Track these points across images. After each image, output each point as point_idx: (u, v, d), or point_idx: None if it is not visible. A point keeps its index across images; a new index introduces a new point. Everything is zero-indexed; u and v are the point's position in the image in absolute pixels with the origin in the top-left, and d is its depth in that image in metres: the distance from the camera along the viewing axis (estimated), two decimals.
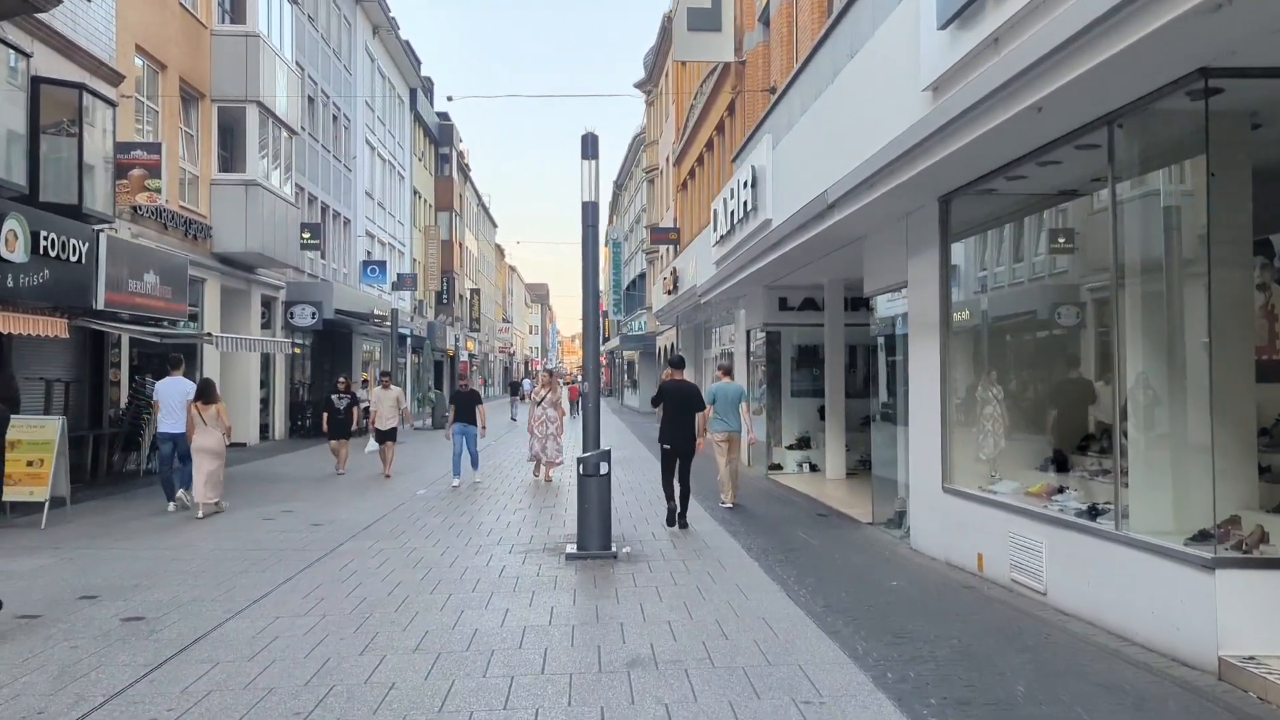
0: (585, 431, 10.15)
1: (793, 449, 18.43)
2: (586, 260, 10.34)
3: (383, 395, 17.79)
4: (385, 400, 17.68)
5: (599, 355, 10.48)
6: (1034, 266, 9.51)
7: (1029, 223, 9.34)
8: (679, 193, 31.68)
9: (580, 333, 65.86)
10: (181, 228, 19.79)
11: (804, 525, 11.54)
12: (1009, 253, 9.70)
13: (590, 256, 10.33)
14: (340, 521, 11.92)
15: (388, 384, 18.13)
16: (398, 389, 18.18)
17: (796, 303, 18.03)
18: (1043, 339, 9.44)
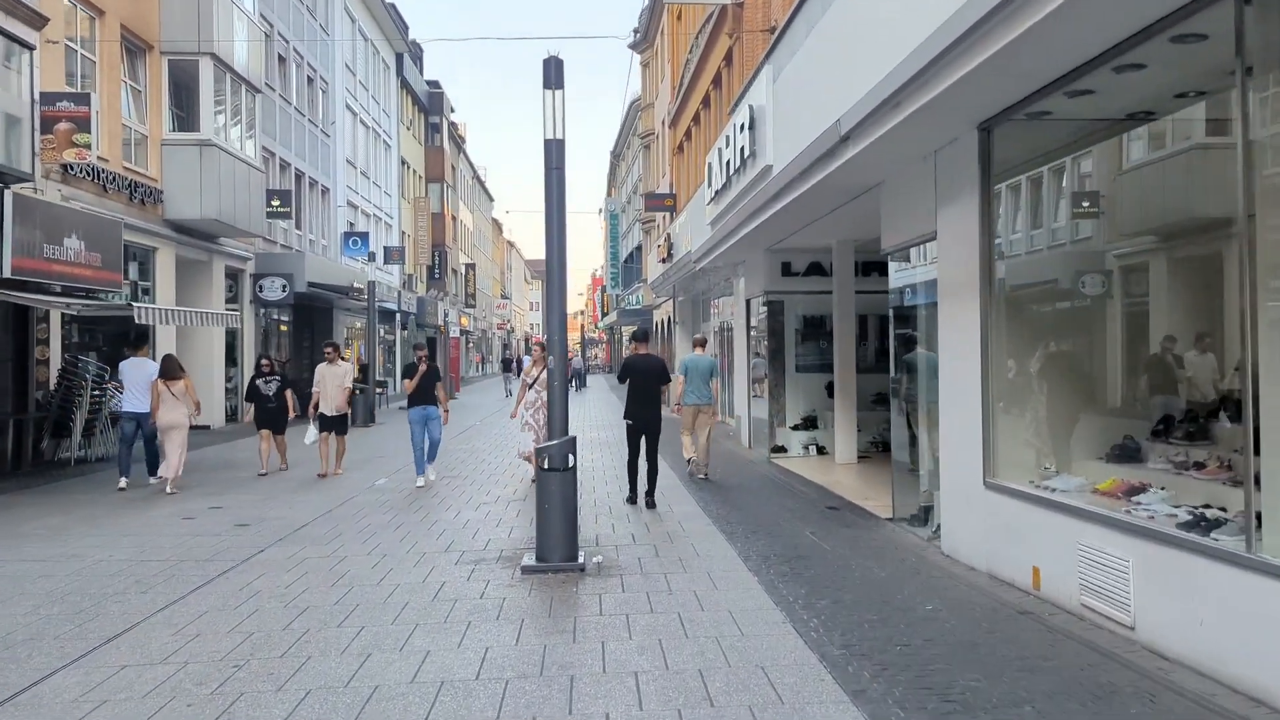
0: (550, 416, 8.43)
1: (798, 429, 16.71)
2: (551, 208, 8.58)
3: (327, 373, 14.15)
4: (330, 379, 14.12)
5: (565, 321, 8.74)
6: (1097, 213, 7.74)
7: (1095, 155, 7.56)
8: (675, 156, 29.83)
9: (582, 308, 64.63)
10: (125, 191, 18.00)
11: (812, 522, 9.83)
12: (1065, 197, 7.93)
13: (555, 203, 8.57)
14: (270, 521, 10.22)
15: (334, 358, 14.32)
16: (347, 365, 14.64)
17: (801, 267, 16.27)
18: (1106, 301, 7.68)
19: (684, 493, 11.89)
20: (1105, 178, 7.72)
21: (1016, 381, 7.64)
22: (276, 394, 14.51)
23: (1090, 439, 7.34)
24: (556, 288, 8.71)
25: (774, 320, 16.74)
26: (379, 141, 41.55)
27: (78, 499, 11.84)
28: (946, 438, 8.34)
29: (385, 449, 17.75)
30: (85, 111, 15.18)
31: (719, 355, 25.25)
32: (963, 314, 7.89)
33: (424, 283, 50.60)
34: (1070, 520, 6.28)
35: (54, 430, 15.03)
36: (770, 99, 11.34)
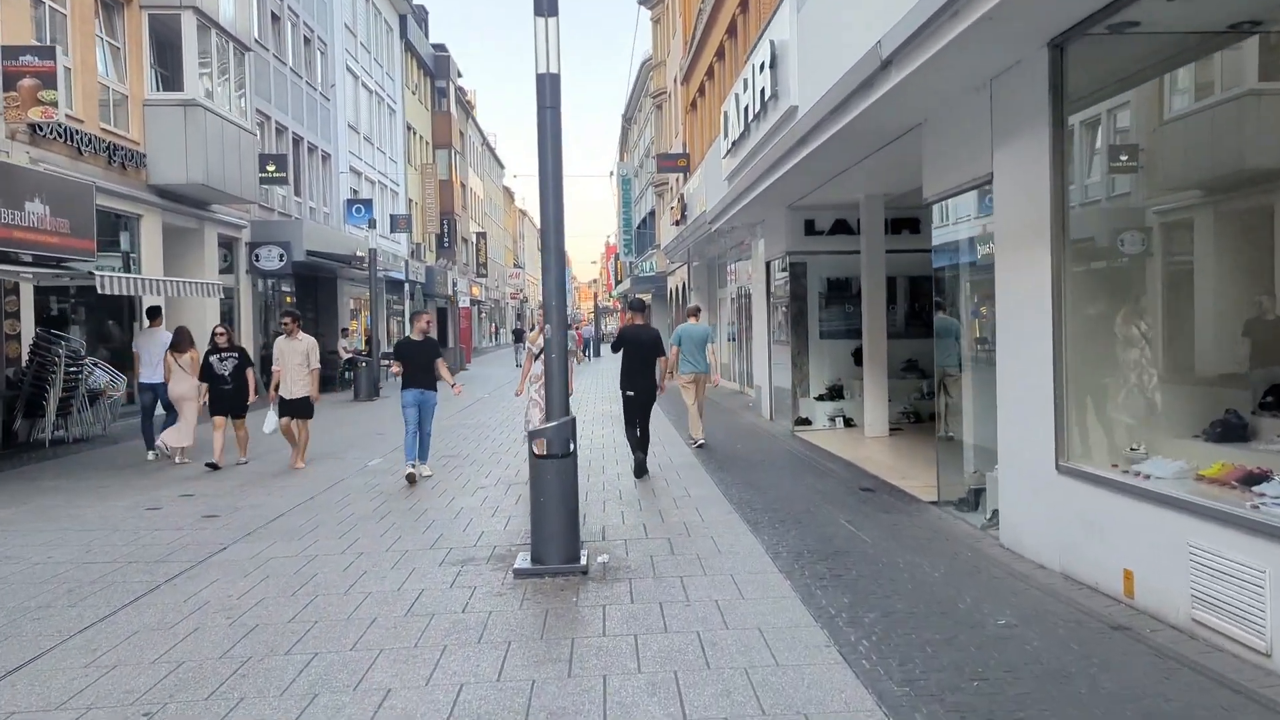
0: (548, 393, 7.33)
1: (823, 400, 15.59)
2: (545, 153, 7.43)
3: (286, 349, 11.92)
4: (291, 355, 11.89)
5: (563, 283, 7.61)
6: (1192, 146, 6.54)
7: (1187, 77, 6.35)
8: (688, 114, 28.51)
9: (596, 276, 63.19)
10: (104, 154, 16.90)
11: (846, 506, 8.73)
12: (1154, 127, 6.72)
13: (550, 147, 7.41)
14: (243, 511, 9.18)
15: (294, 330, 12.06)
16: (309, 339, 12.10)
17: (826, 225, 15.07)
18: (1206, 250, 6.50)
19: (701, 474, 10.80)
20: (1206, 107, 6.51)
21: (1098, 347, 6.48)
22: (234, 373, 12.34)
23: (1181, 414, 6.20)
24: (553, 245, 7.57)
25: (796, 283, 15.58)
26: (383, 106, 40.30)
27: (41, 486, 10.84)
28: (1006, 412, 7.20)
29: (385, 425, 16.69)
30: (50, 66, 14.05)
31: (736, 323, 24.13)
32: (1028, 269, 6.72)
33: (433, 251, 49.51)
34: (1174, 515, 5.15)
35: (27, 410, 14.03)
36: (794, 31, 10.12)
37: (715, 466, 11.30)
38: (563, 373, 7.43)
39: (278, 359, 12.06)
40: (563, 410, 7.20)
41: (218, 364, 12.29)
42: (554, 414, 7.26)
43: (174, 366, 12.60)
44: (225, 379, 12.25)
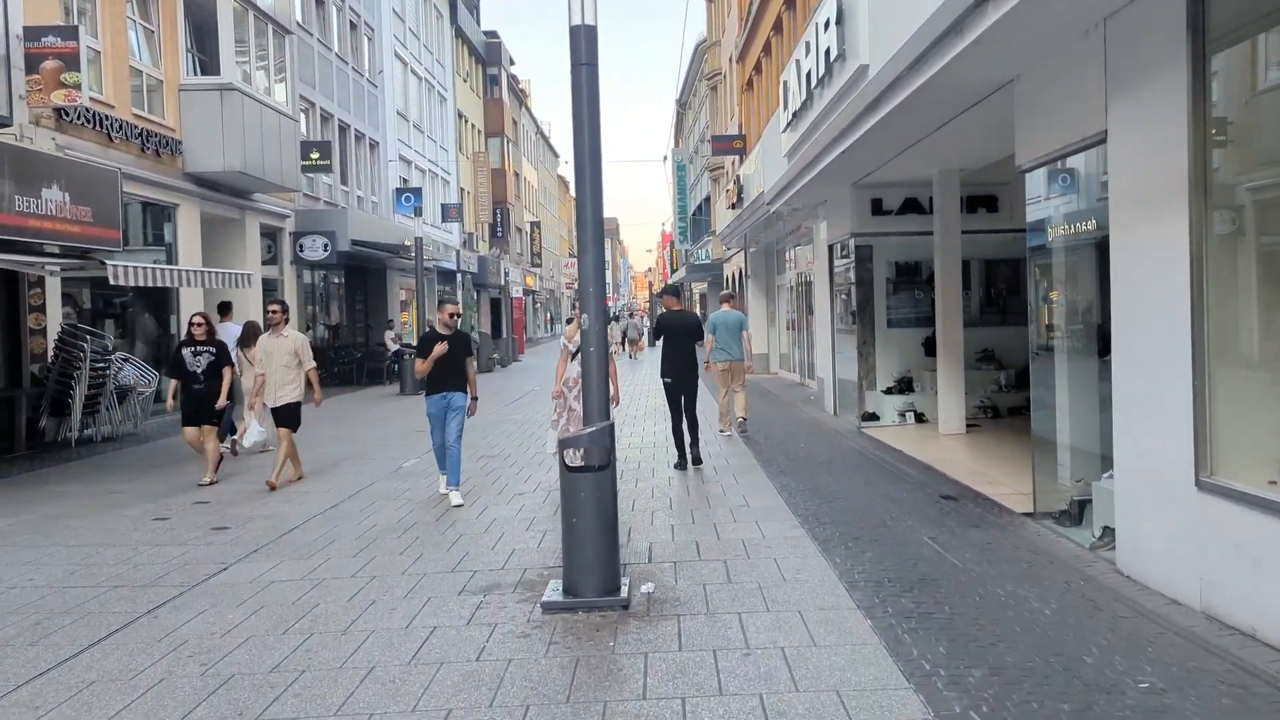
0: (586, 394, 6.38)
1: (891, 393, 14.45)
2: (579, 114, 6.46)
3: (272, 347, 10.20)
4: (277, 355, 10.18)
5: (603, 264, 6.63)
6: None
7: None
8: (743, 93, 27.34)
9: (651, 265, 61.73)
10: (137, 140, 16.28)
11: (928, 519, 7.65)
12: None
13: (585, 108, 6.44)
14: (256, 522, 8.36)
15: (280, 326, 10.28)
16: (299, 336, 10.44)
17: (895, 204, 13.91)
18: None
19: (761, 478, 9.77)
20: None
21: (1254, 337, 5.34)
22: (209, 371, 10.42)
23: None
24: (590, 220, 6.59)
25: (861, 268, 14.44)
26: (433, 93, 39.65)
27: (51, 492, 10.14)
28: (1125, 413, 6.07)
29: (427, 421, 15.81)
30: (73, 47, 13.39)
31: (795, 311, 23.00)
32: (1157, 243, 5.58)
33: (485, 241, 48.90)
34: None
35: (53, 408, 13.43)
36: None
37: (777, 469, 10.25)
38: (602, 369, 6.47)
39: (261, 359, 10.33)
40: (602, 413, 6.24)
41: (190, 359, 10.41)
42: (592, 416, 6.31)
43: (245, 361, 12.42)
44: (198, 377, 10.40)
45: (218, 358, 10.52)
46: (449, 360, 9.01)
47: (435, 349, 8.89)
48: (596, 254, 6.64)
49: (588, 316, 6.52)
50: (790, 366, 23.80)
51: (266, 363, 10.21)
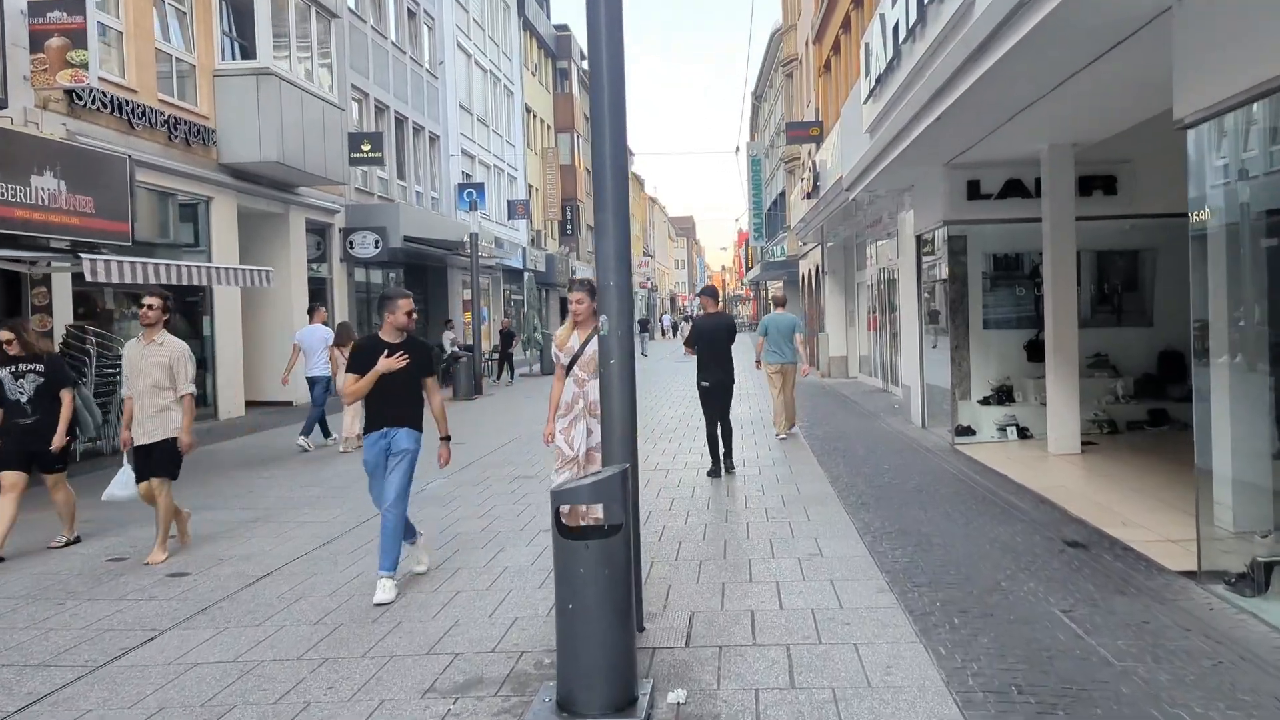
0: (606, 420, 4.84)
1: (988, 404, 12.58)
2: (595, 28, 4.94)
3: (139, 359, 7.30)
4: (145, 371, 7.25)
5: (628, 243, 5.04)
6: None
7: None
8: (820, 77, 25.49)
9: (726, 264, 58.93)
10: (163, 128, 15.17)
11: (1054, 578, 5.89)
12: None
13: (605, 23, 4.91)
14: (223, 566, 6.95)
15: (155, 327, 7.31)
16: (178, 345, 7.37)
17: (994, 187, 12.04)
18: None
19: (838, 513, 8.06)
20: None
21: None
22: (38, 397, 7.59)
23: None
24: (610, 192, 5.04)
25: (954, 261, 12.61)
26: (499, 87, 38.47)
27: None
28: None
29: (471, 431, 14.44)
30: (80, 23, 12.23)
31: (875, 310, 21.14)
32: None
33: (555, 239, 47.68)
34: None
35: None
36: None
37: (856, 500, 8.53)
38: (626, 389, 4.92)
39: (126, 377, 7.46)
40: (622, 450, 4.68)
41: (10, 383, 7.56)
42: (611, 454, 4.74)
43: (340, 361, 12.52)
44: (22, 407, 7.53)
45: (48, 379, 7.65)
46: (397, 383, 6.12)
47: (380, 364, 6.08)
48: (619, 235, 5.08)
49: (607, 319, 4.95)
50: (871, 370, 21.92)
51: (131, 381, 7.33)
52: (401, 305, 6.27)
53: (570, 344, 6.25)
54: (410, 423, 6.26)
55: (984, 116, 8.98)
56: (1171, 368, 12.83)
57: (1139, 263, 13.11)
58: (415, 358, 6.22)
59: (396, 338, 6.28)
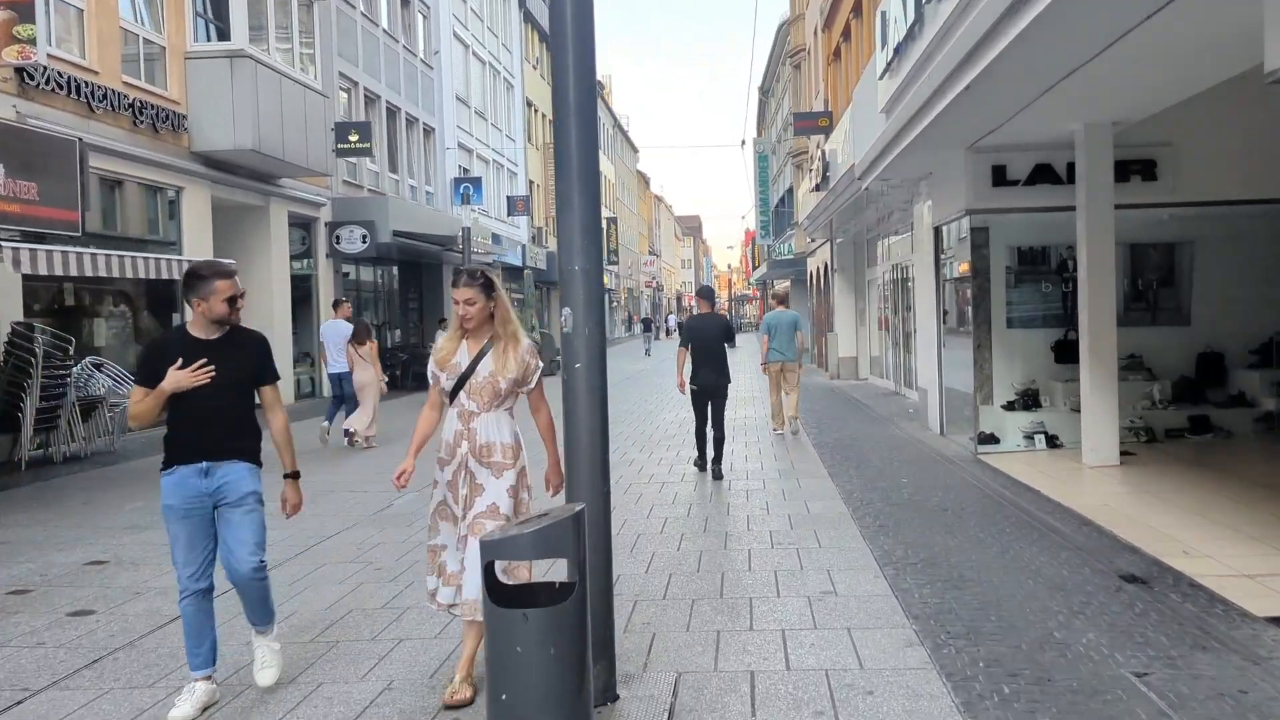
0: (570, 436, 3.87)
1: (1013, 409, 11.55)
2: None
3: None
4: None
5: (598, 224, 4.04)
6: None
7: None
8: (829, 65, 24.45)
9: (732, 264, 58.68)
10: (128, 113, 14.21)
11: (1118, 626, 4.87)
12: None
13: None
14: (143, 600, 5.95)
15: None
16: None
17: (1022, 172, 11.00)
18: None
19: (854, 538, 7.04)
20: None
21: None
22: None
23: None
24: (575, 155, 4.03)
25: (977, 254, 11.58)
26: (498, 79, 37.50)
27: None
28: None
29: None
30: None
31: (886, 308, 20.13)
32: None
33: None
34: None
35: (1, 423, 11.32)
36: None
37: (874, 522, 7.51)
38: (596, 404, 3.94)
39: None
40: (592, 481, 3.70)
41: None
42: (575, 488, 3.76)
43: (356, 358, 12.72)
44: None
45: None
46: (218, 396, 4.20)
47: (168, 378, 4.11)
48: (587, 207, 4.07)
49: (570, 313, 3.95)
50: (882, 372, 20.88)
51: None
52: (219, 288, 4.20)
53: (456, 361, 4.38)
54: (244, 453, 4.31)
55: (1016, 88, 7.96)
56: (1211, 370, 11.82)
57: (1175, 256, 12.08)
58: (238, 362, 4.26)
59: (211, 333, 4.26)
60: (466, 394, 4.32)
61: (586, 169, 4.00)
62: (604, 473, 3.93)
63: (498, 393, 4.30)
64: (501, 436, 4.29)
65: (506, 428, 4.33)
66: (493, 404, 4.30)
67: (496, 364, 4.30)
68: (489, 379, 4.29)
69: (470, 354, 4.36)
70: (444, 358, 4.43)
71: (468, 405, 4.32)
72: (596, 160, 4.03)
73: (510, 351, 4.33)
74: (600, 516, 3.87)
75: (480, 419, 4.29)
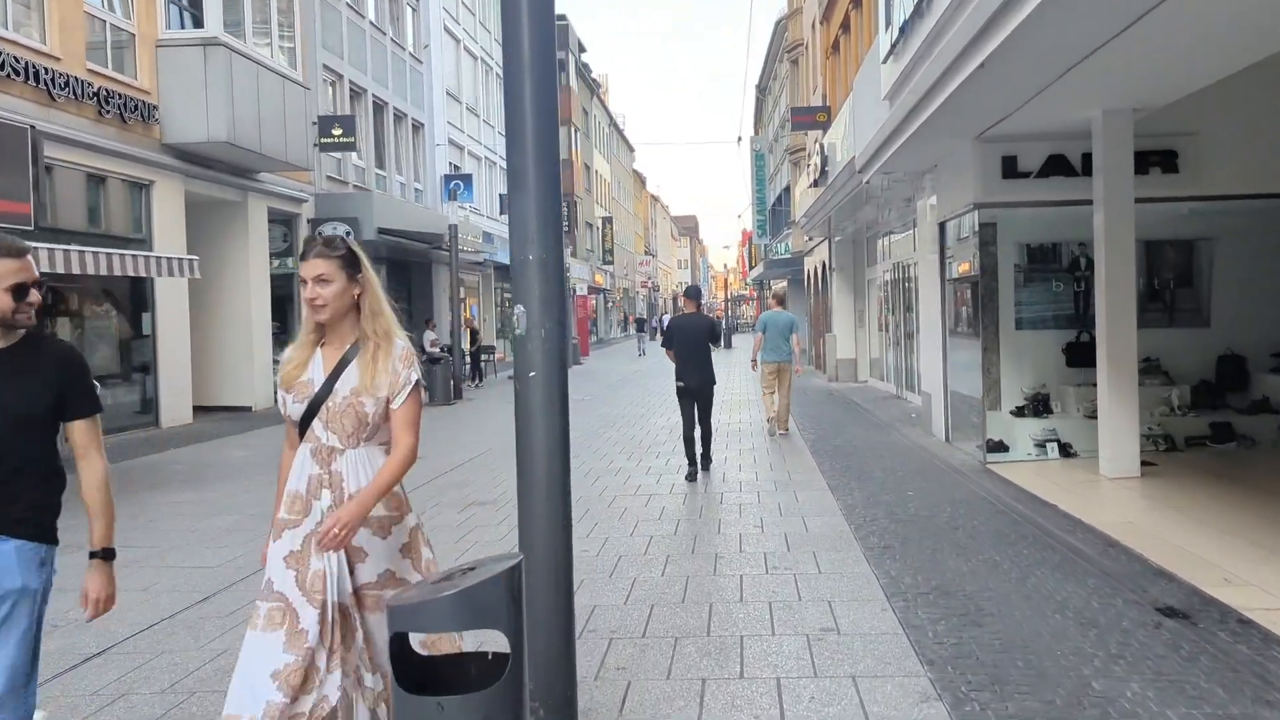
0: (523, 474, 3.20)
1: (1022, 415, 10.90)
2: None
3: None
4: None
5: (558, 207, 3.36)
6: None
7: None
8: (828, 59, 23.79)
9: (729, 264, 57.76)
10: (93, 102, 13.53)
11: (1164, 671, 4.22)
12: None
13: None
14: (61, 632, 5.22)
15: None
16: None
17: (1034, 163, 10.34)
18: None
19: (858, 561, 6.36)
20: None
21: None
22: None
23: None
24: (530, 122, 3.35)
25: (985, 251, 10.93)
26: (490, 74, 36.82)
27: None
28: None
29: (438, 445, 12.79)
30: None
31: (886, 308, 19.49)
32: None
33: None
34: None
35: None
36: None
37: (878, 543, 6.84)
38: (555, 421, 3.28)
39: None
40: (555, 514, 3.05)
41: None
42: (529, 529, 3.11)
43: None
44: None
45: None
46: None
47: None
48: (544, 187, 3.40)
49: (524, 311, 3.29)
50: (882, 375, 20.23)
51: None
52: None
53: (307, 378, 3.14)
54: (14, 526, 2.87)
55: (1036, 67, 7.30)
56: (1231, 374, 11.16)
57: (1194, 254, 11.43)
58: (24, 385, 2.88)
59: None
60: (323, 423, 3.08)
61: (544, 137, 3.33)
62: (563, 507, 3.25)
63: (364, 420, 3.06)
64: None
65: None
66: (360, 436, 3.09)
67: (363, 378, 3.08)
68: (351, 400, 3.06)
69: (326, 367, 3.13)
70: (290, 373, 3.16)
71: (325, 439, 3.08)
72: (556, 126, 3.36)
73: (380, 358, 3.13)
74: (557, 568, 3.18)
75: (345, 459, 3.07)
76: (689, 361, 10.18)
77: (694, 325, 10.40)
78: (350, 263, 3.19)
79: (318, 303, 3.08)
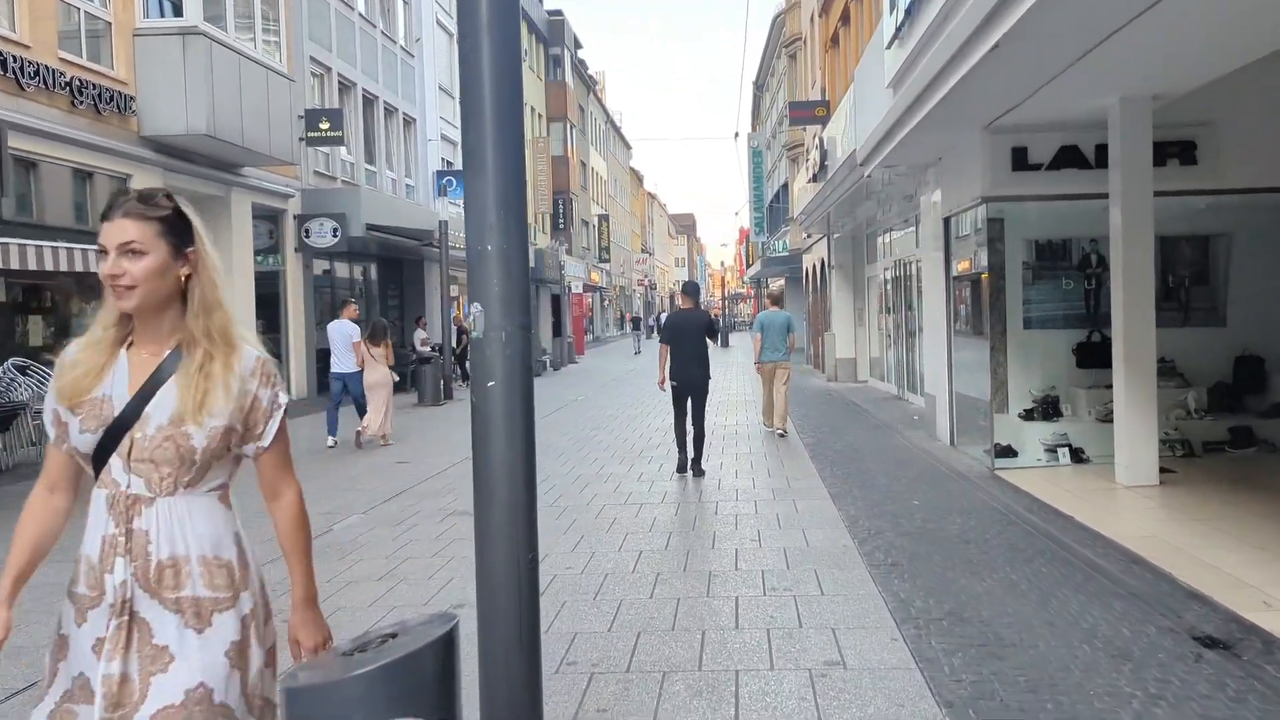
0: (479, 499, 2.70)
1: (1031, 418, 10.43)
2: None
3: None
4: None
5: (523, 190, 2.88)
6: None
7: None
8: (827, 52, 23.30)
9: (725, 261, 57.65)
10: (65, 92, 13.01)
11: (1201, 709, 3.75)
12: None
13: None
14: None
15: None
16: None
17: (1045, 155, 9.87)
18: None
19: (864, 582, 5.88)
20: None
21: None
22: None
23: None
24: (489, 95, 2.85)
25: (992, 248, 10.45)
26: None
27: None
28: None
29: (418, 449, 12.38)
30: None
31: (886, 307, 19.02)
32: None
33: (546, 233, 45.54)
34: None
35: None
36: None
37: (884, 559, 6.36)
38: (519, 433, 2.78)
39: None
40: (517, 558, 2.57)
41: None
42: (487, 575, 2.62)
43: (368, 356, 12.79)
44: None
45: None
46: None
47: None
48: (505, 167, 2.89)
49: (480, 310, 2.79)
50: (883, 375, 19.75)
51: None
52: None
53: (101, 392, 2.23)
54: None
55: (1052, 49, 6.82)
56: (1250, 376, 10.68)
57: (1210, 250, 10.95)
58: None
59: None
60: (123, 461, 2.19)
61: (504, 110, 2.84)
62: (528, 538, 2.77)
63: (187, 457, 2.19)
64: (201, 545, 2.21)
65: (214, 525, 2.25)
66: (179, 480, 2.20)
67: (184, 398, 2.20)
68: (170, 429, 2.18)
69: (133, 378, 2.24)
70: (77, 383, 2.22)
71: (127, 485, 2.19)
72: (519, 97, 2.87)
73: (216, 371, 2.23)
74: (520, 628, 2.68)
75: (155, 512, 2.18)
76: (685, 358, 10.08)
77: (691, 321, 10.33)
78: (176, 229, 2.28)
79: (123, 283, 2.16)
